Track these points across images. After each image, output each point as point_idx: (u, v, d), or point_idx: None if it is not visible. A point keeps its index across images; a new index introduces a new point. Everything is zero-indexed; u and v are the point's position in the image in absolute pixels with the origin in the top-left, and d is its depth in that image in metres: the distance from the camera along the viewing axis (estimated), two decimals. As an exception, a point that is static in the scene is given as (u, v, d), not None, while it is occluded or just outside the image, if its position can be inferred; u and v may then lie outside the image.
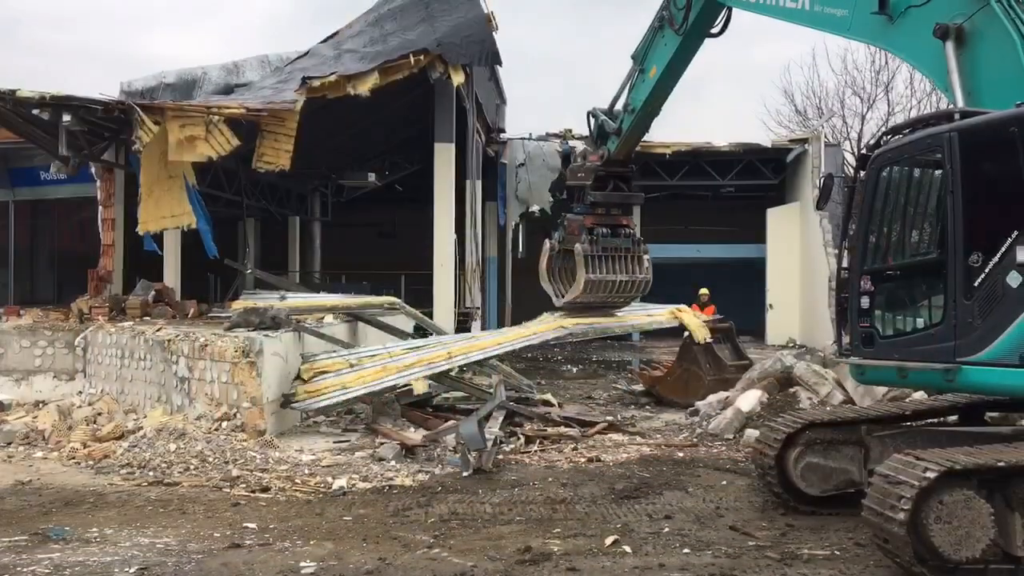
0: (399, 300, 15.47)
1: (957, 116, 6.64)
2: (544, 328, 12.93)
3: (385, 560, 6.43)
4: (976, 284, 6.33)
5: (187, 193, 15.91)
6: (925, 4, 7.38)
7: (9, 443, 11.08)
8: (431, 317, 17.61)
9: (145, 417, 11.61)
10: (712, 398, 12.86)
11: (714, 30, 10.77)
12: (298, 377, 11.40)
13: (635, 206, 12.99)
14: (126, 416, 12.08)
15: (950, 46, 7.10)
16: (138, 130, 14.53)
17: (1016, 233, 6.18)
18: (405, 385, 11.96)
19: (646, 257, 12.66)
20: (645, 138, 13.95)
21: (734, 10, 10.51)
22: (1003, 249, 6.22)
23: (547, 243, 13.07)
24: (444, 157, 20.00)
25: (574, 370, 19.55)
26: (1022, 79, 6.63)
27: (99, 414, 12.10)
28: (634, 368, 16.75)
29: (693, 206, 30.39)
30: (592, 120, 12.50)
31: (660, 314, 14.20)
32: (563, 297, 12.94)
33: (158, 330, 12.90)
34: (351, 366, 11.44)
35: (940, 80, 7.29)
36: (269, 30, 69.32)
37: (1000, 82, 6.77)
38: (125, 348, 13.08)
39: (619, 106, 12.15)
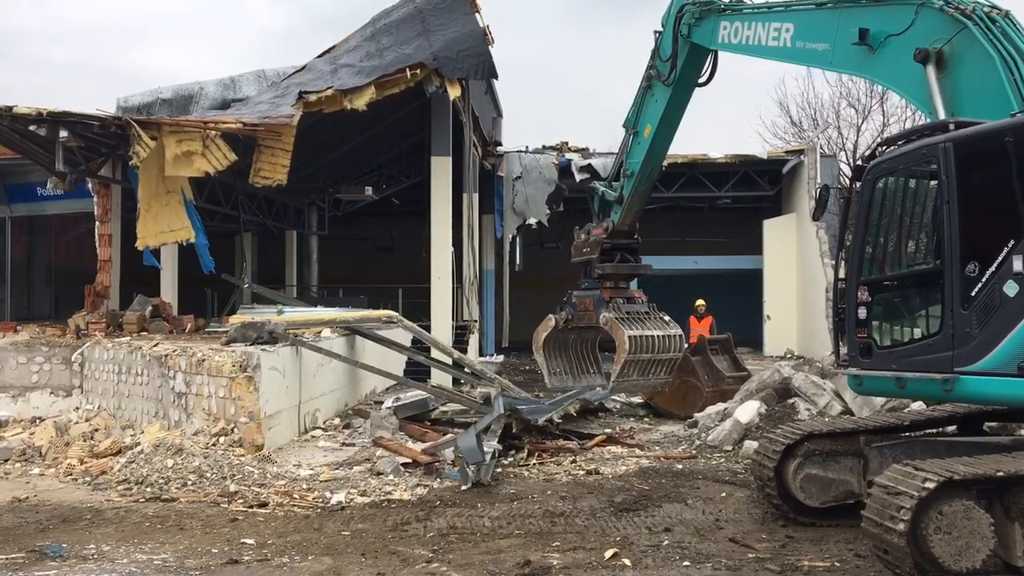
0: (397, 314, 15.46)
1: (952, 127, 6.67)
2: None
3: (384, 575, 6.41)
4: (973, 294, 6.34)
5: (185, 208, 15.92)
6: (905, 32, 7.52)
7: (6, 460, 11.05)
8: (429, 330, 17.60)
9: (142, 433, 11.57)
10: (711, 410, 12.86)
11: (701, 79, 10.90)
12: None
13: (644, 276, 12.28)
14: (123, 432, 12.05)
15: (931, 70, 7.25)
16: (135, 145, 14.55)
17: (1013, 242, 6.19)
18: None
19: (665, 316, 11.74)
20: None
21: (721, 57, 10.63)
22: (1000, 259, 6.23)
23: (551, 317, 12.03)
24: (441, 170, 20.04)
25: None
26: (1004, 96, 6.71)
27: (96, 430, 12.05)
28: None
29: (690, 217, 30.46)
30: (593, 195, 12.18)
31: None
32: (612, 380, 11.39)
33: (155, 345, 12.88)
34: None
35: (924, 104, 7.42)
36: (265, 45, 69.62)
37: (982, 101, 6.85)
38: (122, 364, 13.05)
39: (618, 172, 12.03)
